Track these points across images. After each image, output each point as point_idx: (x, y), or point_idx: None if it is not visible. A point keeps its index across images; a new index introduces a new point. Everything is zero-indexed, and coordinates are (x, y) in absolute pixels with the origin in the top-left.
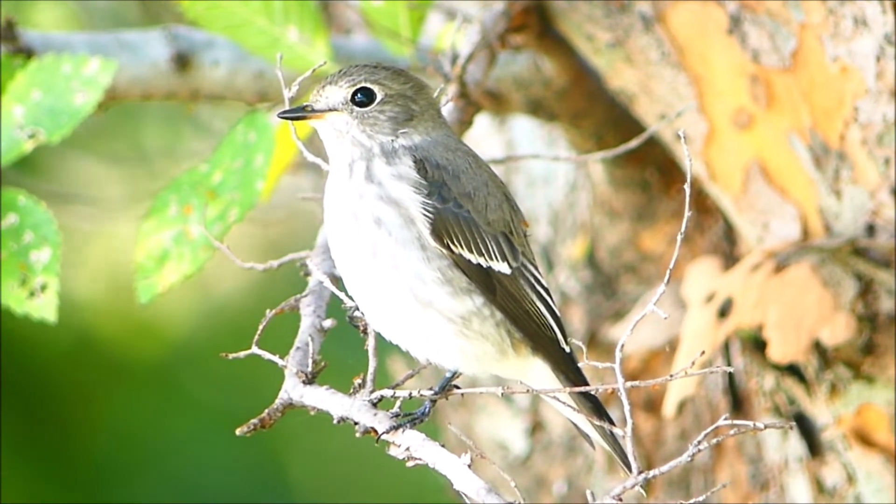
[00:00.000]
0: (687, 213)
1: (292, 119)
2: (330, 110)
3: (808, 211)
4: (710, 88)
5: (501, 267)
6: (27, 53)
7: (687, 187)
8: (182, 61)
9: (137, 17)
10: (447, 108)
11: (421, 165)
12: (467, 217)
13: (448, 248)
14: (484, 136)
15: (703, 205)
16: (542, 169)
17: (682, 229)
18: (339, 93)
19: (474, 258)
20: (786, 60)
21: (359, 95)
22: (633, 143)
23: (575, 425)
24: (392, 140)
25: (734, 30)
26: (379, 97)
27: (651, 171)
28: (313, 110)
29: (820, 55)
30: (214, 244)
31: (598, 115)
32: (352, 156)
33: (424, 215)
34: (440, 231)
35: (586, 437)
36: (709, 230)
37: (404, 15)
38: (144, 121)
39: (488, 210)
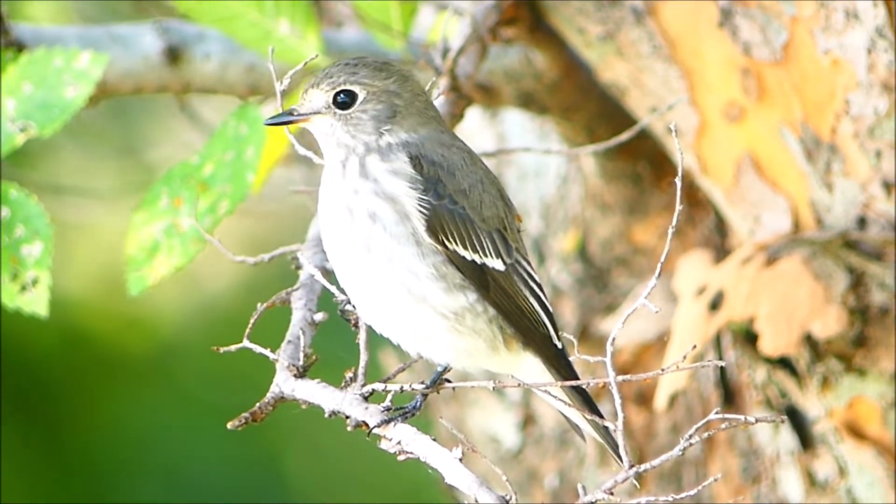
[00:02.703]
0: (678, 206)
1: (278, 125)
2: (314, 113)
3: (799, 204)
4: (701, 81)
5: (495, 263)
6: (18, 47)
7: (678, 180)
8: (173, 54)
9: (129, 11)
10: (438, 102)
11: (416, 162)
12: (462, 214)
13: (443, 244)
14: (475, 130)
15: (695, 198)
16: (534, 162)
17: (674, 222)
18: (322, 96)
19: (469, 254)
20: (777, 53)
21: (341, 97)
22: (625, 136)
23: (566, 418)
24: (376, 139)
25: (725, 23)
26: (361, 97)
27: (643, 164)
28: (299, 114)
29: (811, 48)
30: (205, 237)
31: (590, 108)
32: (344, 154)
33: (420, 211)
34: (435, 227)
35: (577, 429)
36: (700, 223)
37: (396, 8)
38: (136, 114)
39: (483, 207)
